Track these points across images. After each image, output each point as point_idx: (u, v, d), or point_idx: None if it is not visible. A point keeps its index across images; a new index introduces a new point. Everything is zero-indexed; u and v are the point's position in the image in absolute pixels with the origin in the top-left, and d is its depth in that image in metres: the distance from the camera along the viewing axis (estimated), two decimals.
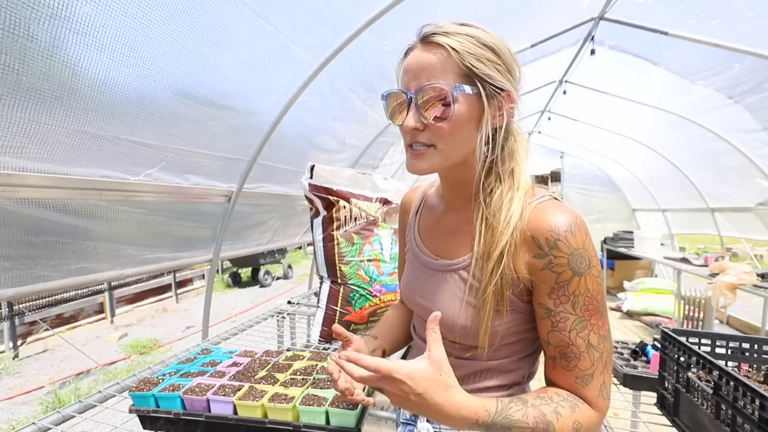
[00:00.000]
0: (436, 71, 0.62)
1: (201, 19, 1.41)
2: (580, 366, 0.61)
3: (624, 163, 5.94)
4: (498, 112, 0.65)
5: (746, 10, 2.23)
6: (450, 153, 0.65)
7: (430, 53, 0.63)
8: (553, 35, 2.92)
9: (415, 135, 0.65)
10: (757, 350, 1.07)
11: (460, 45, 0.62)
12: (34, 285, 1.38)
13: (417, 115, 0.64)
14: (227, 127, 1.93)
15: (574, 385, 0.62)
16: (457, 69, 0.62)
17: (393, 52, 2.21)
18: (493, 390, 0.71)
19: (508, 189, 0.67)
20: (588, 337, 0.61)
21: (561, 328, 0.62)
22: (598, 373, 0.62)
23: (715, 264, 3.32)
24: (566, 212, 0.63)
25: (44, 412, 3.62)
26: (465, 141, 0.65)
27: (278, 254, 9.30)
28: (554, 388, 0.64)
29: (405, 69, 0.66)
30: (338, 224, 1.49)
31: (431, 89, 0.61)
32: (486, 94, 0.63)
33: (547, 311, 0.62)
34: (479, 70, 0.62)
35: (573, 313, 0.61)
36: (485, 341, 0.65)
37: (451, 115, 0.62)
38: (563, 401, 0.61)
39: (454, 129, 0.63)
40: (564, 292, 0.61)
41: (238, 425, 0.88)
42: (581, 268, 0.60)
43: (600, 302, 0.62)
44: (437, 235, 0.78)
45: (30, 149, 1.21)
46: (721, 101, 3.11)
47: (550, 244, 0.61)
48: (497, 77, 0.63)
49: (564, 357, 0.62)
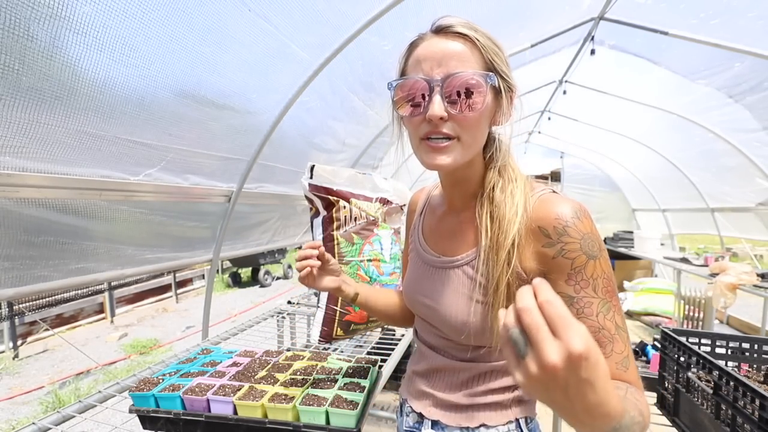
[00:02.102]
0: (465, 60, 0.60)
1: (201, 19, 1.40)
2: (616, 350, 0.59)
3: (624, 163, 5.93)
4: (508, 109, 0.66)
5: (746, 10, 2.23)
6: (470, 147, 0.64)
7: (454, 41, 0.61)
8: (553, 35, 2.91)
9: (439, 125, 0.61)
10: (757, 350, 1.07)
11: (482, 39, 0.61)
12: (34, 285, 1.38)
13: (443, 104, 0.60)
14: (227, 127, 1.93)
15: (616, 373, 0.59)
16: (482, 61, 0.61)
17: (393, 52, 2.21)
18: (498, 392, 0.70)
19: (508, 182, 0.67)
20: (615, 319, 0.59)
21: (588, 313, 0.59)
22: (632, 355, 0.60)
23: (715, 264, 3.32)
24: (569, 201, 0.62)
25: (44, 412, 3.62)
26: (482, 135, 0.65)
27: (278, 254, 9.29)
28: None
29: (422, 57, 0.62)
30: (338, 224, 1.49)
31: (463, 76, 0.59)
32: (503, 88, 0.64)
33: (569, 299, 0.60)
34: (498, 66, 0.62)
35: (596, 296, 0.59)
36: (497, 340, 0.63)
37: (482, 105, 0.60)
38: (629, 387, 0.56)
39: (480, 120, 0.62)
40: (582, 277, 0.59)
41: (238, 425, 0.87)
42: (594, 251, 0.59)
43: (614, 284, 0.61)
44: (440, 235, 0.78)
45: (30, 149, 1.21)
46: (722, 100, 3.11)
47: (558, 231, 0.60)
48: (509, 73, 0.64)
49: (599, 344, 0.49)
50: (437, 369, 0.77)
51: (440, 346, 0.77)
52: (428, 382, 0.78)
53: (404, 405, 0.84)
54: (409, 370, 0.87)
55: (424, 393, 0.78)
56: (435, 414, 0.75)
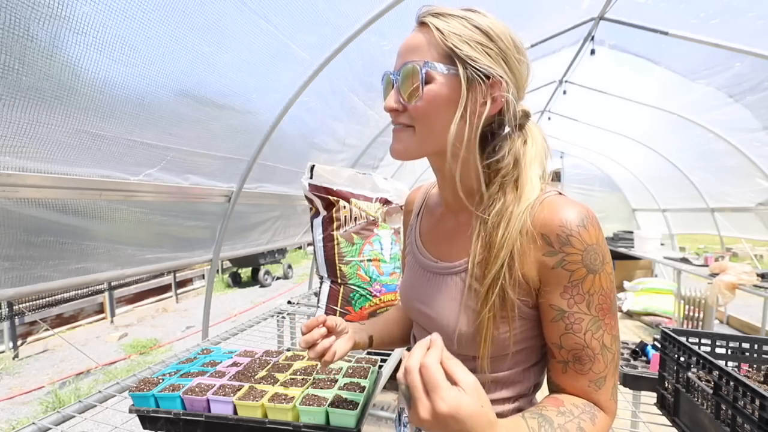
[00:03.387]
0: (419, 51, 0.60)
1: (201, 19, 1.41)
2: (594, 369, 0.58)
3: (624, 163, 5.93)
4: (481, 99, 0.59)
5: (746, 10, 2.23)
6: (427, 137, 0.62)
7: (419, 34, 0.62)
8: (553, 35, 2.92)
9: (396, 116, 0.64)
10: (757, 350, 1.07)
11: (446, 26, 0.59)
12: (34, 285, 1.38)
13: (396, 95, 0.63)
14: (227, 127, 1.93)
15: (586, 390, 0.59)
16: (439, 49, 0.59)
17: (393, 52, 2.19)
18: (498, 403, 0.67)
19: (510, 201, 0.61)
20: (602, 339, 0.58)
21: (576, 330, 0.57)
22: (610, 376, 0.59)
23: (715, 264, 3.32)
24: (576, 206, 0.58)
25: (44, 412, 3.62)
26: (442, 125, 0.61)
27: (278, 254, 9.30)
28: (568, 397, 0.60)
29: (398, 52, 0.65)
30: (338, 224, 1.49)
31: (408, 67, 0.60)
32: (467, 77, 0.58)
33: (560, 312, 0.58)
34: (462, 51, 0.58)
35: (588, 313, 0.57)
36: (484, 351, 0.61)
37: (423, 93, 0.59)
38: (583, 413, 0.57)
39: (430, 109, 0.60)
40: (578, 291, 0.57)
41: (238, 425, 0.87)
42: (595, 264, 0.56)
43: (612, 301, 0.58)
44: (437, 238, 0.74)
45: (30, 149, 1.21)
46: (722, 100, 3.11)
47: (561, 240, 0.56)
48: (483, 60, 0.58)
49: (578, 361, 0.58)
50: None
51: None
52: None
53: (402, 414, 0.83)
54: None
55: None
56: None
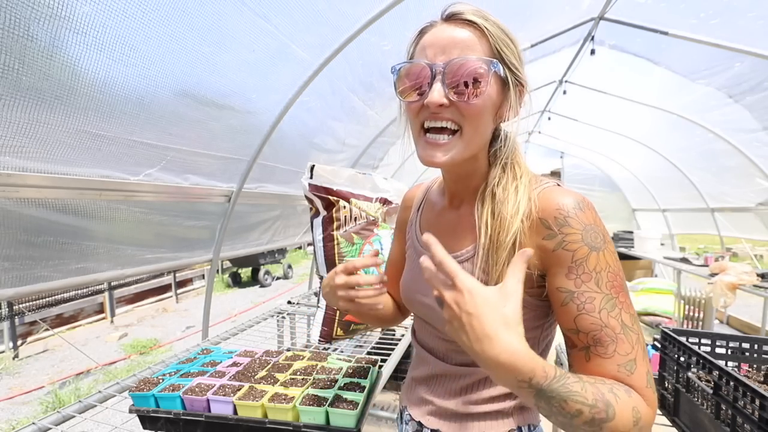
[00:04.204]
0: (470, 47, 0.58)
1: (201, 19, 1.41)
2: (620, 350, 0.53)
3: (624, 163, 5.93)
4: (512, 104, 0.63)
5: (746, 10, 2.23)
6: (472, 140, 0.61)
7: (462, 29, 0.59)
8: (553, 35, 2.92)
9: (439, 112, 0.59)
10: (757, 350, 1.07)
11: (491, 26, 0.59)
12: (34, 285, 1.38)
13: (444, 90, 0.58)
14: (227, 127, 1.93)
15: (617, 376, 0.53)
16: (489, 50, 0.59)
17: (393, 52, 2.21)
18: (498, 400, 0.68)
19: (512, 179, 0.64)
20: (621, 317, 0.54)
21: (589, 309, 0.55)
22: (641, 359, 0.54)
23: (715, 264, 3.32)
24: (572, 193, 0.60)
25: (44, 412, 3.62)
26: (486, 127, 0.62)
27: (278, 254, 9.30)
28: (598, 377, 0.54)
29: (428, 44, 0.61)
30: (338, 224, 1.49)
31: (466, 62, 0.57)
32: (511, 82, 0.62)
33: (569, 294, 0.56)
34: (506, 57, 0.60)
35: (599, 291, 0.55)
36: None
37: (483, 92, 0.58)
38: (616, 384, 0.52)
39: (482, 110, 0.59)
40: (584, 270, 0.55)
41: (238, 425, 0.87)
42: (597, 242, 0.56)
43: (623, 279, 0.57)
44: (439, 230, 0.74)
45: (30, 149, 1.21)
46: (722, 100, 3.11)
47: (559, 222, 0.57)
48: (519, 68, 0.62)
49: (599, 343, 0.54)
50: (437, 375, 0.75)
51: (440, 349, 0.75)
52: (428, 388, 0.76)
53: (404, 412, 0.83)
54: (409, 376, 0.85)
55: (424, 400, 0.76)
56: (434, 423, 0.73)
